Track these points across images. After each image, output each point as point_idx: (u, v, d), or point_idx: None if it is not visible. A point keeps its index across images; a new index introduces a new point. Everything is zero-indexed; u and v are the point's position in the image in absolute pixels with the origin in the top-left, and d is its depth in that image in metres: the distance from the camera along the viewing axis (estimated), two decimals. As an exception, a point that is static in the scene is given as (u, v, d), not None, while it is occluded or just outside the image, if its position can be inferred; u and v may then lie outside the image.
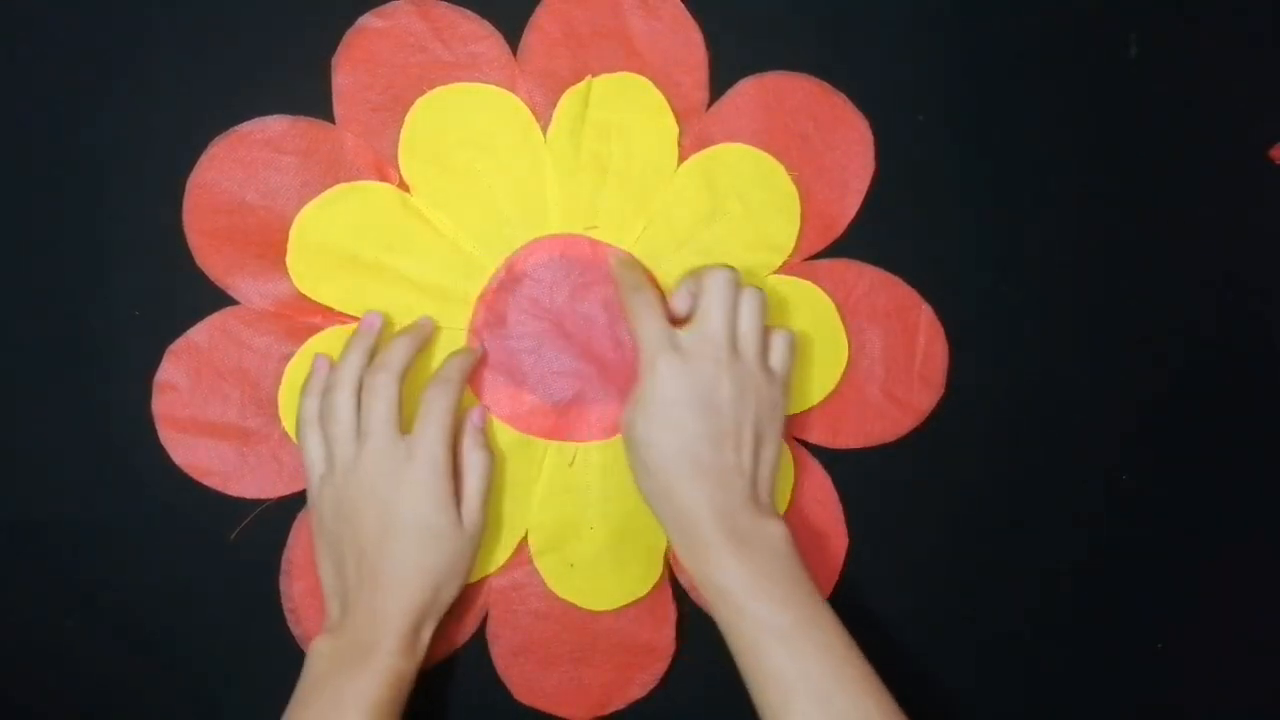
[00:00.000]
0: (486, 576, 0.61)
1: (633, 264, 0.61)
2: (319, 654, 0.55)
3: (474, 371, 0.61)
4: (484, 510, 0.57)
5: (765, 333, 0.58)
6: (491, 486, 0.58)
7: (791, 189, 0.63)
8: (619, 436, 0.61)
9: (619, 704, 0.61)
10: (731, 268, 0.57)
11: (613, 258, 0.61)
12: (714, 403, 0.55)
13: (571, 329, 0.62)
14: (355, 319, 0.60)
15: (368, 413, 0.56)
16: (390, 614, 0.54)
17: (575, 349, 0.62)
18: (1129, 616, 0.64)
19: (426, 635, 0.56)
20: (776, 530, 0.55)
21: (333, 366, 0.58)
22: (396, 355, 0.57)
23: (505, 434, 0.61)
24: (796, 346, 0.59)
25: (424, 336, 0.59)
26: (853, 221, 0.63)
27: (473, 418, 0.59)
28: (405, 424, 0.56)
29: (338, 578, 0.56)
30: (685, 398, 0.55)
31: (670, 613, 0.61)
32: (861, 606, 0.62)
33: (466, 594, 0.59)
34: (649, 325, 0.56)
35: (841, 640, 0.53)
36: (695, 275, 0.58)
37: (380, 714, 0.53)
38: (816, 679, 0.51)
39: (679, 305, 0.58)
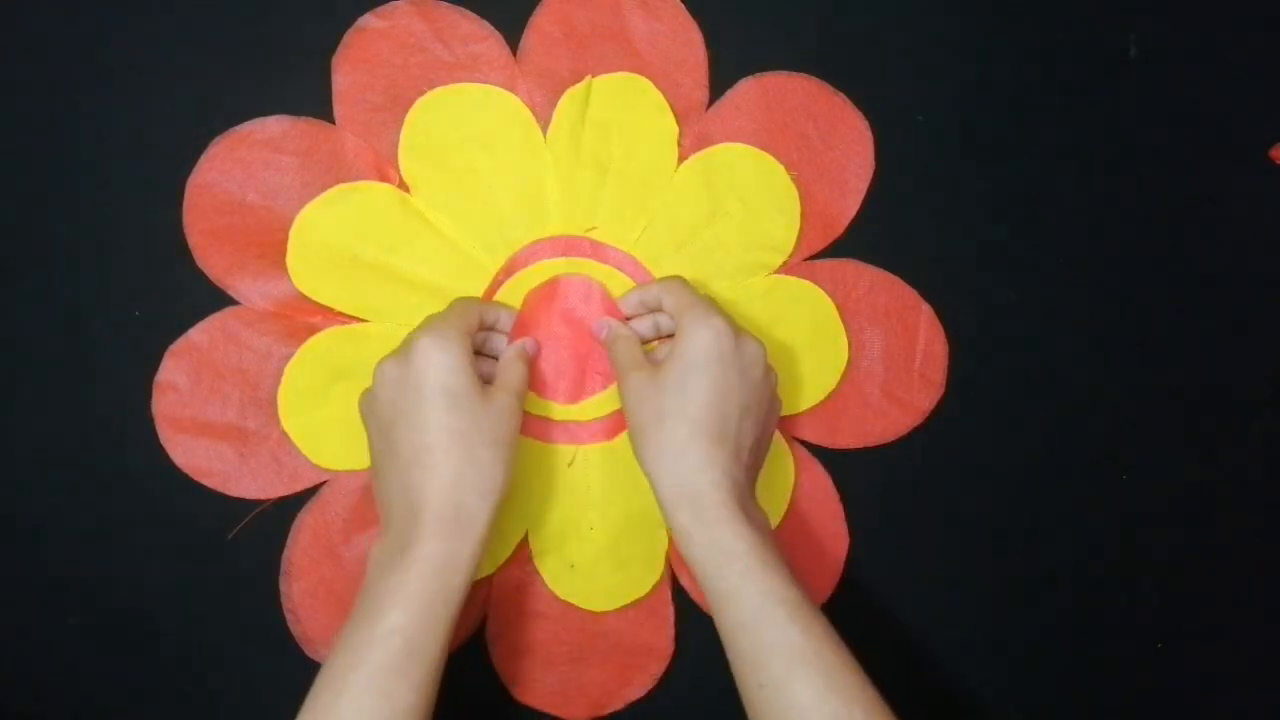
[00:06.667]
0: (487, 576, 0.61)
1: (630, 337, 0.60)
2: (370, 562, 0.53)
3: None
4: (517, 400, 0.56)
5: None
6: (524, 390, 0.57)
7: (791, 189, 0.63)
8: (619, 438, 0.61)
9: (618, 704, 0.61)
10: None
11: (604, 331, 0.61)
12: (746, 379, 0.55)
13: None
14: (355, 319, 0.60)
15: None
16: (422, 489, 0.51)
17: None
18: (1129, 616, 0.64)
19: (479, 512, 0.52)
20: (766, 522, 0.56)
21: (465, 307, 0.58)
22: (520, 366, 0.58)
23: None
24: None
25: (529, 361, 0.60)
26: (853, 221, 0.63)
27: (525, 342, 0.60)
28: None
29: (381, 475, 0.54)
30: (718, 365, 0.54)
31: (669, 614, 0.61)
32: (862, 606, 0.62)
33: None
34: (684, 296, 0.57)
35: (836, 634, 0.52)
36: (658, 294, 0.59)
37: (424, 605, 0.50)
38: (827, 655, 0.50)
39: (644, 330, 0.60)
